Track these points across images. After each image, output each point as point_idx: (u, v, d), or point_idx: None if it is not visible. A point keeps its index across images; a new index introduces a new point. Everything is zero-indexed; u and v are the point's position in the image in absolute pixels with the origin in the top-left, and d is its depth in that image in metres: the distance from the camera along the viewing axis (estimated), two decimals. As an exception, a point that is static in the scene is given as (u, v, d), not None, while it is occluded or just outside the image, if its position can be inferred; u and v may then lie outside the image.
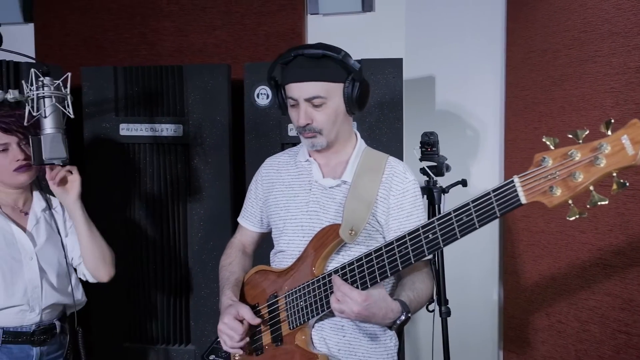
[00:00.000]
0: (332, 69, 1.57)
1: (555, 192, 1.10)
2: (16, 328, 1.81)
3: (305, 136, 1.62)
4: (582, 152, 1.08)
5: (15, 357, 1.82)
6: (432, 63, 3.01)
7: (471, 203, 1.25)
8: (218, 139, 2.61)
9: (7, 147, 1.80)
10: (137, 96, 2.64)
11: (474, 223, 1.26)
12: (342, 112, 1.62)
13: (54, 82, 1.69)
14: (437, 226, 1.32)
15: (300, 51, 1.57)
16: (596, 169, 1.06)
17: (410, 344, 3.10)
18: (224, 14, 3.09)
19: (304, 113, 1.58)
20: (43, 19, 3.24)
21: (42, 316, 1.85)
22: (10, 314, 1.79)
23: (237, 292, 1.72)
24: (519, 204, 1.18)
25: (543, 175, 1.12)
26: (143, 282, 2.70)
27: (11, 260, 1.80)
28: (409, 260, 1.38)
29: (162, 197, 2.66)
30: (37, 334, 1.84)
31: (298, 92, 1.57)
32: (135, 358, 2.72)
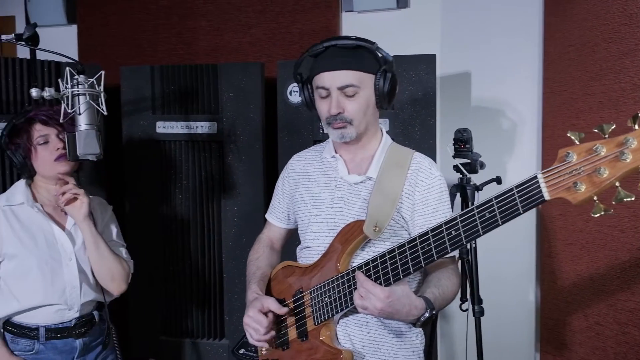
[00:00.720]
0: (365, 59, 1.58)
1: (580, 188, 1.07)
2: (57, 325, 1.87)
3: (335, 126, 1.60)
4: (608, 147, 1.05)
5: (61, 351, 1.88)
6: (467, 59, 2.97)
7: (494, 199, 1.23)
8: (251, 136, 2.63)
9: (47, 140, 1.86)
10: (173, 94, 2.69)
11: (496, 219, 1.23)
12: (372, 105, 1.62)
13: (88, 80, 1.73)
14: (460, 222, 1.30)
15: (334, 42, 1.58)
16: (622, 165, 1.03)
17: (444, 344, 3.07)
18: (259, 12, 3.12)
19: (336, 102, 1.57)
20: (86, 21, 3.34)
21: (81, 311, 1.91)
22: (49, 313, 1.85)
23: (262, 287, 1.74)
24: (542, 200, 1.15)
25: (567, 170, 1.09)
26: (179, 277, 2.75)
27: (52, 261, 1.85)
28: (432, 257, 1.36)
29: (197, 193, 2.71)
30: (78, 327, 1.90)
31: (331, 81, 1.57)
32: (170, 351, 2.77)
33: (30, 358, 1.85)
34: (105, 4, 3.28)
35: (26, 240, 1.83)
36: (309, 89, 1.67)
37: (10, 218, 1.83)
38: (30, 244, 1.82)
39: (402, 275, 1.42)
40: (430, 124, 2.51)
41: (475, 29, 2.94)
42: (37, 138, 1.85)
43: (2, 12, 3.47)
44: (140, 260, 2.75)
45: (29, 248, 1.82)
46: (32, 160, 1.87)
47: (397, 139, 2.47)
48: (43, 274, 1.82)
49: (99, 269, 1.92)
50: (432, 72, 2.51)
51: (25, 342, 1.85)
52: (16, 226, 1.83)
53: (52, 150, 1.86)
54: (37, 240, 1.84)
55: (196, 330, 2.76)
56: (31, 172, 1.89)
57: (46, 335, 1.85)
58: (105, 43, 3.30)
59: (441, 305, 1.53)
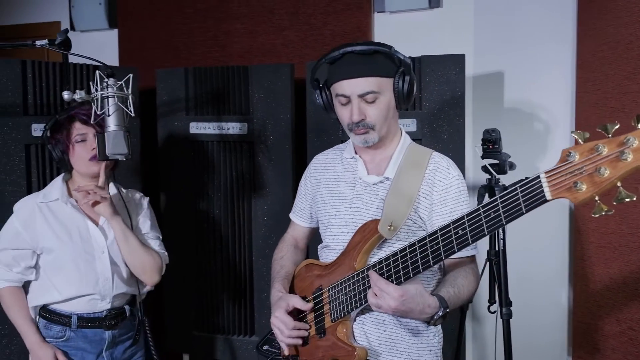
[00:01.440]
0: (383, 64, 1.59)
1: (581, 188, 1.06)
2: (89, 314, 1.96)
3: (357, 132, 1.62)
4: (609, 147, 1.04)
5: (90, 340, 1.97)
6: (500, 59, 2.93)
7: (499, 199, 1.23)
8: (281, 136, 2.68)
9: (85, 138, 1.95)
10: (206, 96, 2.76)
11: (501, 219, 1.23)
12: (393, 107, 1.63)
13: (117, 83, 1.80)
14: (467, 222, 1.30)
15: (350, 48, 1.59)
16: (623, 164, 1.02)
17: (476, 346, 3.04)
18: (292, 14, 3.16)
19: (357, 109, 1.58)
20: (125, 25, 3.45)
21: (113, 303, 1.99)
22: (82, 302, 1.94)
23: (286, 285, 1.78)
24: (543, 200, 1.15)
25: (569, 170, 1.09)
26: (210, 274, 2.82)
27: (85, 254, 1.94)
28: (440, 256, 1.37)
29: (228, 192, 2.77)
30: (108, 319, 1.99)
31: (350, 89, 1.58)
32: (202, 346, 2.85)
33: (60, 345, 1.95)
34: (144, 9, 3.39)
35: (61, 234, 1.92)
36: (327, 94, 1.69)
37: (46, 213, 1.93)
38: (65, 238, 1.92)
39: (412, 274, 1.43)
40: (458, 124, 2.50)
41: (508, 28, 2.90)
42: (75, 136, 1.95)
43: (48, 18, 3.62)
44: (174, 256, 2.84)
45: (64, 242, 1.92)
46: (70, 157, 1.97)
47: (425, 139, 2.50)
48: (77, 266, 1.92)
49: (131, 262, 2.00)
50: (461, 72, 2.50)
51: (58, 329, 1.94)
52: (52, 221, 1.93)
53: (88, 149, 1.95)
54: (72, 234, 1.93)
55: (227, 326, 2.82)
56: (68, 167, 1.99)
57: (78, 323, 1.94)
58: (143, 47, 3.40)
59: (456, 304, 1.53)
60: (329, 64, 1.65)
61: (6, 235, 1.95)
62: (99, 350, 1.99)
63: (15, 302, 1.96)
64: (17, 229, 1.93)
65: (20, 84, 2.42)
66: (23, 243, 1.93)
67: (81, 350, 1.96)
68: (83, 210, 1.98)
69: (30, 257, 1.94)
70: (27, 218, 1.93)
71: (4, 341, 2.36)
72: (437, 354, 1.66)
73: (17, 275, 1.95)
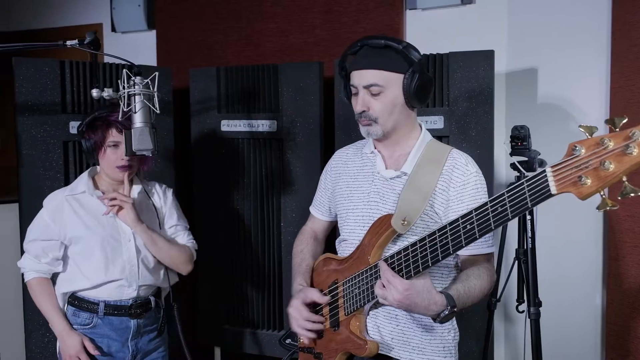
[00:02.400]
0: (392, 59, 1.60)
1: (586, 182, 1.05)
2: (116, 302, 2.04)
3: (362, 123, 1.66)
4: (615, 141, 1.02)
5: (116, 328, 2.05)
6: (534, 55, 2.88)
7: (506, 193, 1.23)
8: (310, 134, 2.71)
9: (117, 144, 2.02)
10: (237, 94, 2.82)
11: (507, 214, 1.23)
12: (400, 104, 1.63)
13: (143, 81, 1.86)
14: (475, 216, 1.30)
15: (365, 42, 1.63)
16: (628, 159, 1.00)
17: (508, 346, 2.99)
18: (324, 13, 3.18)
19: (362, 100, 1.63)
20: (163, 26, 3.55)
21: (139, 292, 2.06)
22: (110, 288, 2.02)
23: (307, 278, 1.81)
24: (549, 194, 1.13)
25: (575, 164, 1.07)
26: (241, 270, 2.87)
27: (112, 241, 2.03)
28: (448, 251, 1.37)
29: (257, 189, 2.82)
30: (134, 308, 2.06)
31: (358, 80, 1.62)
32: (232, 339, 2.90)
33: (87, 332, 2.03)
34: (180, 10, 3.47)
35: (89, 222, 2.01)
36: (348, 83, 1.72)
37: (73, 205, 2.03)
38: (93, 226, 2.01)
39: (421, 269, 1.43)
40: (487, 120, 2.47)
41: (542, 24, 2.85)
42: (109, 141, 2.02)
43: (90, 20, 3.75)
44: (207, 252, 2.92)
45: (92, 229, 2.01)
46: (99, 157, 2.05)
47: (453, 136, 2.49)
48: (105, 252, 2.00)
49: (161, 259, 2.10)
50: (490, 68, 2.47)
51: (86, 316, 2.03)
52: (80, 211, 2.02)
53: (118, 157, 2.02)
54: (99, 222, 2.02)
55: (256, 320, 2.87)
56: (97, 162, 2.07)
57: (105, 311, 2.02)
58: (180, 47, 3.48)
59: (466, 302, 1.51)
60: (352, 55, 1.69)
61: (36, 228, 2.05)
62: (124, 338, 2.06)
63: (44, 292, 2.05)
64: (46, 221, 2.03)
65: (58, 83, 2.52)
66: (51, 234, 2.02)
67: (107, 337, 2.04)
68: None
69: (58, 248, 2.04)
70: (55, 210, 2.03)
71: (42, 330, 2.46)
72: (452, 351, 1.65)
73: (45, 266, 2.04)
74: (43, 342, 2.47)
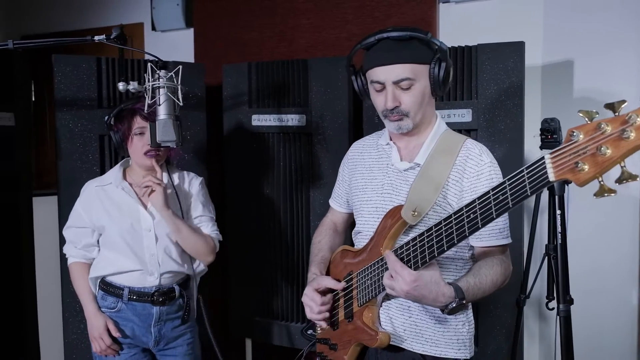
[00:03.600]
0: (419, 50, 1.58)
1: (583, 168, 1.02)
2: (139, 288, 2.12)
3: (392, 119, 1.63)
4: (613, 125, 0.99)
5: (139, 313, 2.13)
6: (570, 47, 2.81)
7: (507, 181, 1.21)
8: (338, 128, 2.72)
9: (143, 132, 2.09)
10: (267, 89, 2.86)
11: (507, 202, 1.21)
12: (428, 94, 1.62)
13: (167, 75, 1.92)
14: (478, 205, 1.28)
15: (386, 34, 1.59)
16: (625, 143, 0.97)
17: (542, 344, 2.92)
18: (356, 8, 3.19)
19: (392, 95, 1.59)
20: (200, 24, 3.63)
21: (161, 280, 2.13)
22: (134, 276, 2.11)
23: (322, 269, 1.82)
24: (547, 181, 1.11)
25: (573, 150, 1.05)
26: (270, 263, 2.91)
27: (133, 231, 2.11)
28: (452, 241, 1.35)
29: (287, 183, 2.85)
30: (157, 296, 2.13)
31: (385, 75, 1.59)
32: (263, 331, 2.94)
33: (113, 315, 2.13)
34: (217, 8, 3.54)
35: (113, 213, 2.11)
36: (363, 80, 1.70)
37: (101, 195, 2.13)
38: (116, 216, 2.10)
39: (428, 259, 1.42)
40: (516, 114, 2.42)
41: (578, 16, 2.77)
42: (135, 129, 2.10)
43: (132, 20, 3.87)
44: (237, 244, 2.97)
45: (114, 219, 2.10)
46: (128, 147, 2.13)
47: (481, 130, 2.45)
48: (126, 242, 2.09)
49: (184, 247, 2.16)
50: (520, 60, 2.42)
51: (112, 300, 2.13)
52: (106, 202, 2.12)
53: (144, 144, 2.09)
54: (122, 213, 2.11)
55: (285, 313, 2.90)
56: (126, 154, 2.17)
57: (129, 296, 2.11)
58: (216, 44, 3.55)
59: (476, 294, 1.50)
60: (365, 50, 1.66)
61: (71, 216, 2.19)
62: (147, 324, 2.13)
63: (78, 276, 2.18)
64: (77, 209, 2.17)
65: (95, 79, 2.62)
66: (82, 222, 2.15)
67: (131, 322, 2.13)
68: (136, 192, 2.15)
69: (90, 235, 2.15)
70: (86, 200, 2.16)
71: (78, 317, 2.56)
72: (466, 343, 1.63)
73: (80, 252, 2.17)
74: (79, 328, 2.56)
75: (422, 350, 1.61)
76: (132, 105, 2.12)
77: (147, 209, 2.13)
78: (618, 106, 1.01)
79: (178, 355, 2.22)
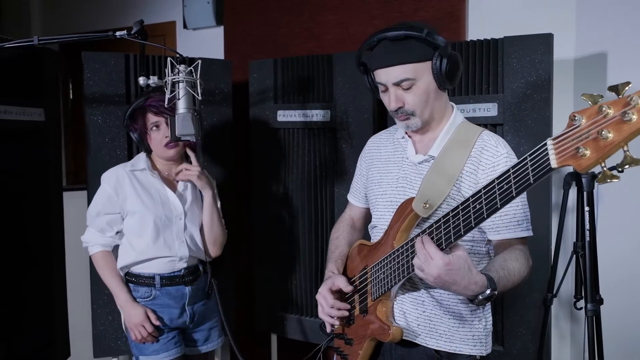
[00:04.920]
0: (416, 49, 1.55)
1: (584, 154, 0.98)
2: (169, 274, 2.19)
3: (400, 119, 1.63)
4: (615, 108, 0.95)
5: (174, 296, 2.21)
6: (604, 39, 2.71)
7: (511, 169, 1.18)
8: (362, 123, 2.70)
9: (158, 125, 2.16)
10: (293, 85, 2.86)
11: (511, 191, 1.17)
12: (434, 90, 1.59)
13: (186, 69, 1.94)
14: (483, 195, 1.25)
15: (383, 35, 1.58)
16: (627, 126, 0.93)
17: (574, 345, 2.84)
18: (383, 3, 3.16)
19: (395, 97, 1.58)
20: (230, 22, 3.66)
21: (188, 263, 2.20)
22: (162, 263, 2.17)
23: (339, 265, 1.82)
24: (549, 168, 1.07)
25: (575, 135, 1.01)
26: (295, 257, 2.91)
27: (165, 219, 2.16)
28: (459, 233, 1.32)
29: (312, 178, 2.85)
30: (187, 276, 2.21)
31: (385, 77, 1.58)
32: (288, 326, 2.95)
33: (148, 304, 2.19)
34: (247, 6, 3.56)
35: (146, 199, 2.15)
36: (372, 78, 1.69)
37: (133, 180, 2.17)
38: (149, 203, 2.15)
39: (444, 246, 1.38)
40: (544, 108, 2.36)
41: (612, 6, 2.68)
42: (150, 125, 2.17)
43: (165, 18, 3.94)
44: (262, 239, 2.98)
45: (148, 206, 2.14)
46: (149, 143, 2.19)
47: (507, 124, 2.40)
48: (157, 229, 2.14)
49: (208, 231, 2.25)
50: (548, 53, 2.35)
51: (144, 290, 2.18)
52: (138, 187, 2.17)
53: (162, 136, 2.16)
54: (154, 200, 2.16)
55: (310, 309, 2.90)
56: (148, 148, 2.23)
57: (161, 283, 2.17)
58: (246, 41, 3.58)
59: (505, 286, 1.44)
60: (370, 50, 1.65)
61: (100, 201, 2.19)
62: (181, 304, 2.21)
63: (107, 265, 2.20)
64: (109, 193, 2.17)
65: (123, 75, 2.67)
66: (115, 207, 2.17)
67: (167, 307, 2.19)
68: (164, 180, 2.21)
69: (120, 221, 2.20)
70: (117, 183, 2.17)
71: (107, 309, 2.61)
72: (482, 340, 1.60)
73: (109, 240, 2.21)
74: (108, 319, 2.62)
75: (436, 346, 1.59)
76: (143, 103, 2.17)
77: (177, 193, 2.20)
78: (622, 88, 0.97)
79: (205, 329, 2.32)
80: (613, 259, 2.54)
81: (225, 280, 2.91)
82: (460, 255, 1.34)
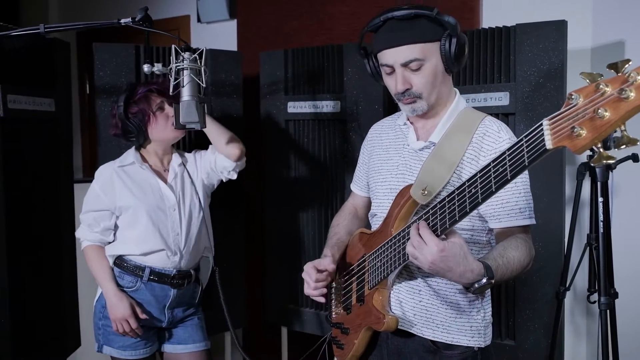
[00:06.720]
0: (426, 29, 1.50)
1: (580, 134, 0.94)
2: (161, 269, 2.15)
3: (405, 102, 1.57)
4: (613, 86, 0.91)
5: (156, 294, 2.17)
6: (622, 27, 2.64)
7: (507, 151, 1.13)
8: (373, 114, 2.66)
9: (162, 106, 2.16)
10: (303, 76, 2.84)
11: (506, 174, 1.13)
12: (441, 72, 1.55)
13: (191, 57, 1.93)
14: (479, 179, 1.20)
15: (390, 14, 1.53)
16: (625, 104, 0.88)
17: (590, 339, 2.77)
18: (396, -6, 3.12)
19: (402, 78, 1.53)
20: (243, 15, 3.66)
21: (182, 262, 2.16)
22: (157, 256, 2.15)
23: (335, 252, 1.77)
24: (544, 149, 1.03)
25: (572, 115, 0.97)
26: (305, 250, 2.90)
27: (158, 211, 2.15)
28: (454, 219, 1.28)
29: (321, 169, 2.83)
30: (177, 278, 2.16)
31: (393, 58, 1.53)
32: (298, 319, 2.94)
33: (130, 294, 2.15)
34: (260, -1, 3.57)
35: (137, 193, 2.14)
36: (375, 62, 1.65)
37: (122, 176, 2.16)
38: (141, 196, 2.14)
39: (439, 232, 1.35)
40: (557, 97, 2.30)
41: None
42: (154, 106, 2.17)
43: (178, 12, 3.95)
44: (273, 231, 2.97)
45: (140, 199, 2.13)
46: (149, 126, 2.18)
47: (519, 113, 2.36)
48: (152, 222, 2.13)
49: (220, 135, 2.25)
50: (561, 40, 2.30)
51: (130, 279, 2.15)
52: (128, 182, 2.16)
53: (167, 116, 2.16)
54: (146, 193, 2.15)
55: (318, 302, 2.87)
56: (146, 137, 2.20)
57: (149, 276, 2.14)
58: (259, 34, 3.57)
59: (504, 275, 1.39)
60: (374, 32, 1.60)
61: (88, 199, 2.20)
62: (162, 305, 2.17)
63: (96, 258, 2.17)
64: (96, 192, 2.18)
65: (134, 67, 2.68)
66: (102, 205, 2.16)
67: (147, 303, 2.16)
68: (154, 172, 2.20)
69: (108, 218, 2.17)
70: (105, 182, 2.17)
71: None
72: (481, 332, 1.55)
73: (97, 235, 2.18)
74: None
75: (432, 337, 1.55)
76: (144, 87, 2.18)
77: (168, 184, 2.18)
78: (622, 65, 0.92)
79: (188, 326, 2.27)
80: (628, 252, 2.47)
81: (237, 273, 2.92)
82: (456, 242, 1.30)
